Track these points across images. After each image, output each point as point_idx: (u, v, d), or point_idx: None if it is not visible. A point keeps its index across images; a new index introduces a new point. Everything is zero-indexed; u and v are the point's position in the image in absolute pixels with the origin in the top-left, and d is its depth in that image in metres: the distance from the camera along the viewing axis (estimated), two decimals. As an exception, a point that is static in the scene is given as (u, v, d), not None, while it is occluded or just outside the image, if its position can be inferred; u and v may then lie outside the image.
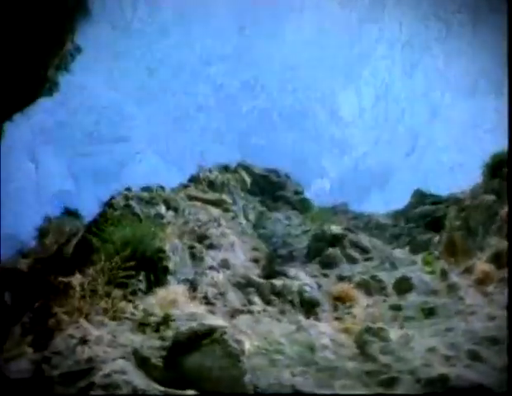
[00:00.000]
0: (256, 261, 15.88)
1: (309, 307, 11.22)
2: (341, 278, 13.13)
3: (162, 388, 7.30)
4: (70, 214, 25.78)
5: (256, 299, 11.86)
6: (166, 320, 9.27)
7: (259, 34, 58.01)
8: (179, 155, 55.82)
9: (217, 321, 8.69)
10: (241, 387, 7.26)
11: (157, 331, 9.16)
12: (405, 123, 56.06)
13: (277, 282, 12.35)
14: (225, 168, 26.34)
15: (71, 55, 28.55)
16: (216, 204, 20.14)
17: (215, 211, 19.15)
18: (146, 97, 59.07)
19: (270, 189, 26.46)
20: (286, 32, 58.09)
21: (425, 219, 17.77)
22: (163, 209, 17.66)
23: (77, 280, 12.38)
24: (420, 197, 19.91)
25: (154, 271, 12.85)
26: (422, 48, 54.02)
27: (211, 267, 13.84)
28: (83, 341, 9.06)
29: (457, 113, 51.56)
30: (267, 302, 11.70)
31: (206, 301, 11.36)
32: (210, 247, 15.47)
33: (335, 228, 15.78)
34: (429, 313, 9.99)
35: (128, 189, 18.96)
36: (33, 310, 12.92)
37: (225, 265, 14.28)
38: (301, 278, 12.72)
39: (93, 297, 11.31)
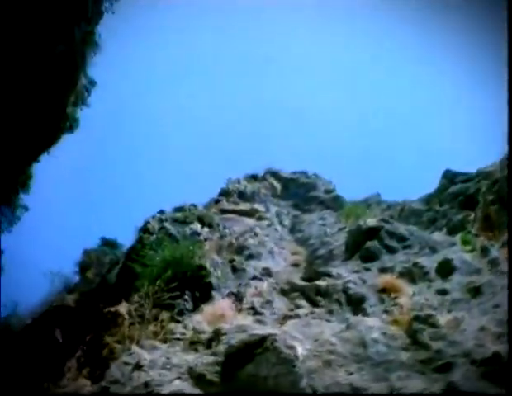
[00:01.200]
0: (297, 265, 15.86)
1: (355, 303, 11.13)
2: (383, 270, 13.00)
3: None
4: (108, 243, 25.97)
5: (302, 302, 11.80)
6: (216, 335, 9.29)
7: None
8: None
9: (266, 329, 8.67)
10: (299, 392, 7.26)
11: (209, 347, 9.21)
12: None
13: (321, 283, 12.28)
14: (253, 177, 26.31)
15: (86, 90, 28.90)
16: (250, 214, 20.16)
17: (250, 221, 19.18)
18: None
19: (301, 191, 26.32)
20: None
21: (458, 198, 17.49)
22: (198, 226, 17.74)
23: (124, 307, 12.53)
24: (450, 177, 19.60)
25: (198, 288, 12.92)
26: None
27: (254, 277, 13.85)
28: (138, 366, 9.13)
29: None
30: (314, 304, 11.62)
31: (254, 311, 11.34)
32: (250, 257, 15.49)
33: (371, 221, 15.63)
34: (475, 292, 9.88)
35: (161, 211, 19.11)
36: (85, 343, 13.09)
37: (267, 273, 14.29)
38: (344, 276, 12.62)
39: (142, 322, 11.44)
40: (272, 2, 50.70)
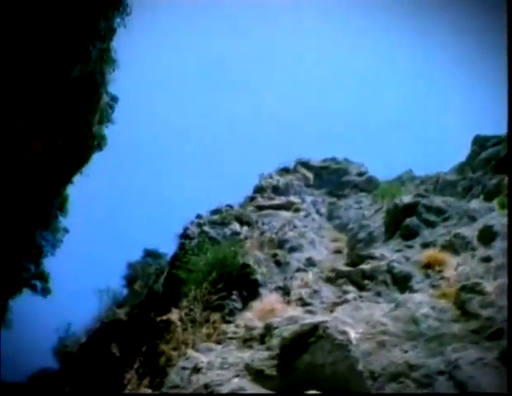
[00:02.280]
0: (339, 251, 15.89)
1: (402, 282, 11.12)
2: (425, 245, 12.92)
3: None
4: (150, 254, 26.25)
5: (349, 287, 11.84)
6: (268, 330, 9.34)
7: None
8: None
9: (317, 318, 8.70)
10: (357, 375, 7.26)
11: (262, 342, 9.26)
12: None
13: (366, 266, 12.31)
14: (285, 170, 26.25)
15: (110, 107, 29.19)
16: (286, 207, 20.18)
17: (287, 214, 19.19)
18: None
19: (333, 177, 26.21)
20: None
21: (491, 163, 17.18)
22: (237, 226, 17.85)
23: (174, 314, 12.74)
24: (481, 142, 19.26)
25: (245, 286, 13.02)
26: None
27: (298, 269, 13.93)
28: (196, 369, 9.26)
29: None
30: (361, 288, 11.66)
31: (302, 302, 11.41)
32: (292, 250, 15.55)
33: (406, 198, 15.51)
34: (519, 255, 9.77)
35: (199, 216, 19.28)
36: (142, 354, 13.34)
37: (310, 263, 14.35)
38: (387, 256, 12.60)
39: (194, 326, 11.61)
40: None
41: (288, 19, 59.09)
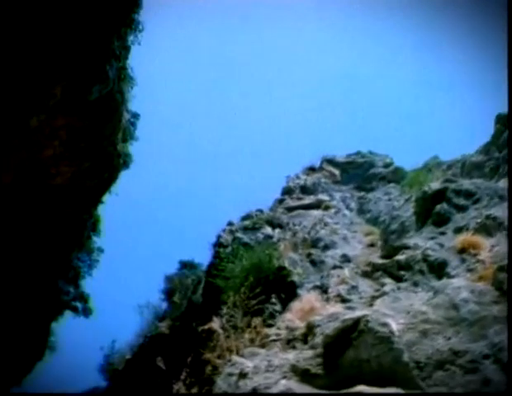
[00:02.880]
0: (372, 245, 15.87)
1: (438, 269, 11.06)
2: (458, 230, 12.84)
3: (332, 393, 7.38)
4: (186, 265, 26.41)
5: (386, 280, 11.84)
6: (310, 329, 9.38)
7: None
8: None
9: (357, 313, 8.71)
10: (403, 367, 7.24)
11: (305, 342, 9.31)
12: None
13: (401, 257, 12.27)
14: (311, 169, 26.25)
15: (132, 124, 29.50)
16: (316, 205, 20.22)
17: (317, 213, 19.23)
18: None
19: (360, 171, 26.13)
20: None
21: (516, 139, 17.10)
22: (268, 229, 17.94)
23: (216, 323, 12.88)
24: (504, 120, 19.06)
25: (283, 289, 13.10)
26: None
27: (334, 266, 13.97)
28: (243, 375, 9.32)
29: None
30: (398, 279, 11.64)
31: (341, 299, 11.45)
32: (326, 248, 15.59)
33: (435, 185, 15.41)
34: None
35: (230, 223, 19.42)
36: (188, 365, 13.49)
37: (346, 260, 14.39)
38: (421, 245, 12.53)
39: (236, 332, 11.71)
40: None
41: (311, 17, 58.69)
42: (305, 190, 22.62)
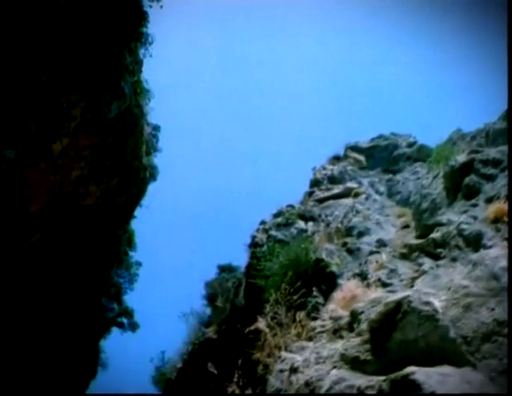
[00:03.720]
0: (406, 226, 15.84)
1: (474, 242, 11.03)
2: (489, 200, 12.71)
3: (383, 378, 7.31)
4: (225, 269, 26.61)
5: (424, 259, 11.81)
6: (354, 317, 9.46)
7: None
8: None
9: (398, 294, 8.73)
10: (450, 343, 7.24)
11: (351, 330, 9.37)
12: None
13: (436, 235, 12.24)
14: (336, 158, 26.22)
15: (153, 136, 29.85)
16: (345, 194, 20.23)
17: (348, 201, 19.23)
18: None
19: (385, 154, 25.95)
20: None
21: (538, 101, 16.82)
22: (301, 223, 18.02)
23: (261, 322, 13.01)
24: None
25: (323, 281, 13.19)
26: None
27: (371, 252, 13.98)
28: (294, 370, 9.45)
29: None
30: (436, 257, 11.63)
31: (381, 284, 11.49)
32: (360, 235, 15.61)
33: (461, 157, 15.33)
34: None
35: (263, 222, 19.55)
36: (239, 367, 13.65)
37: (381, 244, 14.38)
38: (455, 220, 12.50)
39: (282, 329, 11.83)
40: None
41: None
42: (332, 179, 22.61)
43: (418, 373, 6.77)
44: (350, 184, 21.33)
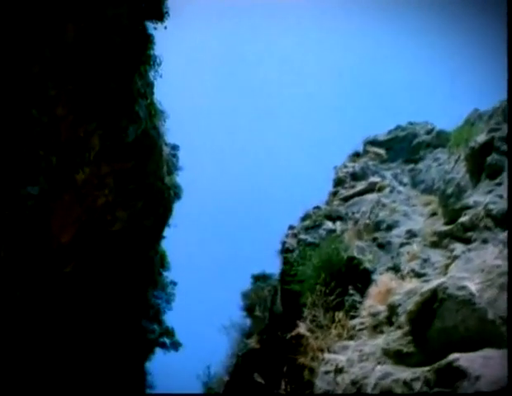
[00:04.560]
0: (434, 214, 15.77)
1: (503, 220, 11.00)
2: (514, 177, 12.73)
3: (427, 368, 7.34)
4: (259, 278, 26.66)
5: (455, 245, 11.76)
6: (392, 310, 9.54)
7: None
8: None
9: (432, 283, 8.75)
10: (490, 325, 7.26)
11: (391, 324, 9.43)
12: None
13: (464, 218, 12.23)
14: (356, 155, 26.14)
15: (173, 156, 30.19)
16: (369, 189, 20.16)
17: (373, 196, 19.17)
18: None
19: (404, 145, 25.80)
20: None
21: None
22: (329, 224, 18.04)
23: (302, 327, 13.07)
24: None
25: (357, 278, 13.23)
26: None
27: (402, 244, 14.00)
28: (339, 370, 9.54)
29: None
30: (466, 241, 11.59)
31: (415, 274, 11.52)
32: (389, 228, 15.60)
33: (480, 138, 15.26)
34: None
35: (291, 227, 19.63)
36: (285, 374, 13.72)
37: (411, 235, 14.38)
38: (481, 201, 12.48)
39: (323, 331, 11.89)
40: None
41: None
42: (355, 176, 22.55)
43: (461, 359, 6.80)
44: (373, 179, 21.24)
